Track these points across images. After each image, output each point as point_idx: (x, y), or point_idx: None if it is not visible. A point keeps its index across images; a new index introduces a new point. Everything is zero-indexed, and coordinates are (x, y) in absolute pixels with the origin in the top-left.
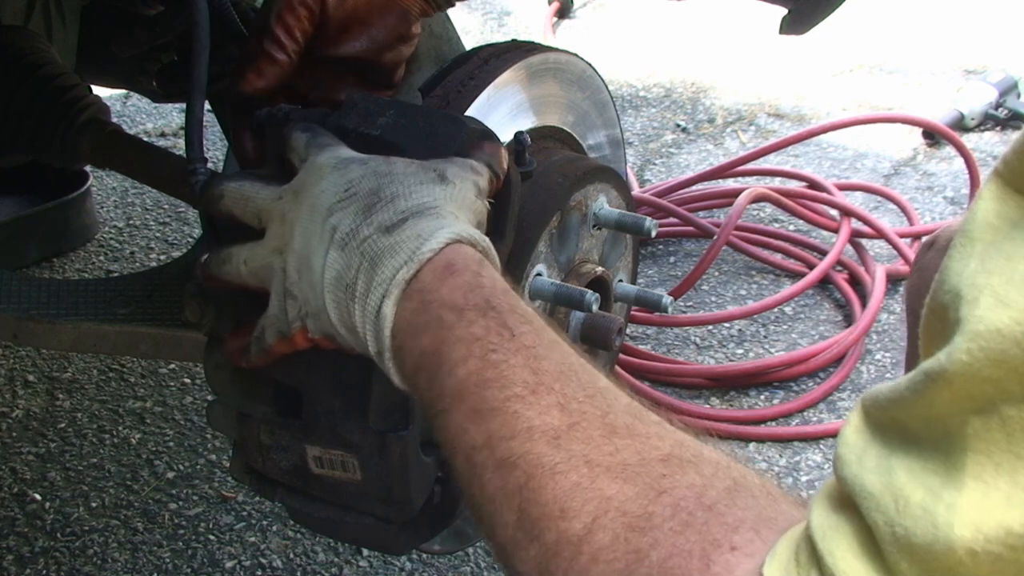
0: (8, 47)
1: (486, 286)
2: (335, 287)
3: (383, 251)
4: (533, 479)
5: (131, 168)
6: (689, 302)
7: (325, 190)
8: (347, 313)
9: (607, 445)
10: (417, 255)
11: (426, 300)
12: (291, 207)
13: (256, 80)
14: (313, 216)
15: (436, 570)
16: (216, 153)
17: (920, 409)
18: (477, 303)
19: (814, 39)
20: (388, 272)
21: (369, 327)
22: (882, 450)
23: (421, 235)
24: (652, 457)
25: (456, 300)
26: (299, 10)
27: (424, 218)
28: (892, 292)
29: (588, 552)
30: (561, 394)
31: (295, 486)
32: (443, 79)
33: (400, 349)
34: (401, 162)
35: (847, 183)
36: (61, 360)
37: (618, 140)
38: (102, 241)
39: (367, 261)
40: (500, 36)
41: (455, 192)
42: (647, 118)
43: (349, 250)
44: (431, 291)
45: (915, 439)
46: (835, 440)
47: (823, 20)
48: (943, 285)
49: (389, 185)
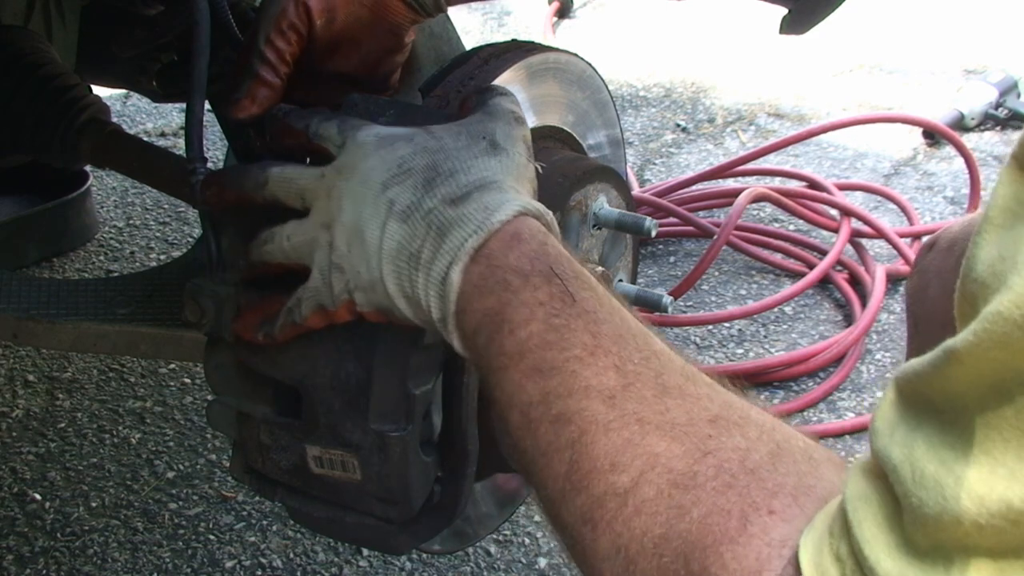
0: (8, 47)
1: (551, 254)
2: (396, 257)
3: (451, 221)
4: (587, 434)
5: (131, 168)
6: (689, 302)
7: (375, 166)
8: (408, 282)
9: (658, 404)
10: (486, 224)
11: (492, 265)
12: (338, 183)
13: (250, 106)
14: (366, 190)
15: (436, 570)
16: (216, 153)
17: (939, 383)
18: (542, 269)
19: (814, 39)
20: (456, 240)
21: (434, 293)
22: (910, 422)
23: (488, 207)
24: (701, 417)
25: (522, 266)
26: (288, 34)
27: (488, 191)
28: (892, 292)
29: (633, 504)
30: (618, 356)
31: (295, 486)
32: (443, 79)
33: (463, 312)
34: (447, 134)
35: (847, 183)
36: (61, 360)
37: (618, 140)
38: (102, 241)
39: (434, 231)
40: (500, 36)
41: (510, 162)
42: (647, 118)
43: (413, 221)
44: (498, 257)
45: (937, 412)
46: (835, 439)
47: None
48: (970, 273)
49: (445, 161)
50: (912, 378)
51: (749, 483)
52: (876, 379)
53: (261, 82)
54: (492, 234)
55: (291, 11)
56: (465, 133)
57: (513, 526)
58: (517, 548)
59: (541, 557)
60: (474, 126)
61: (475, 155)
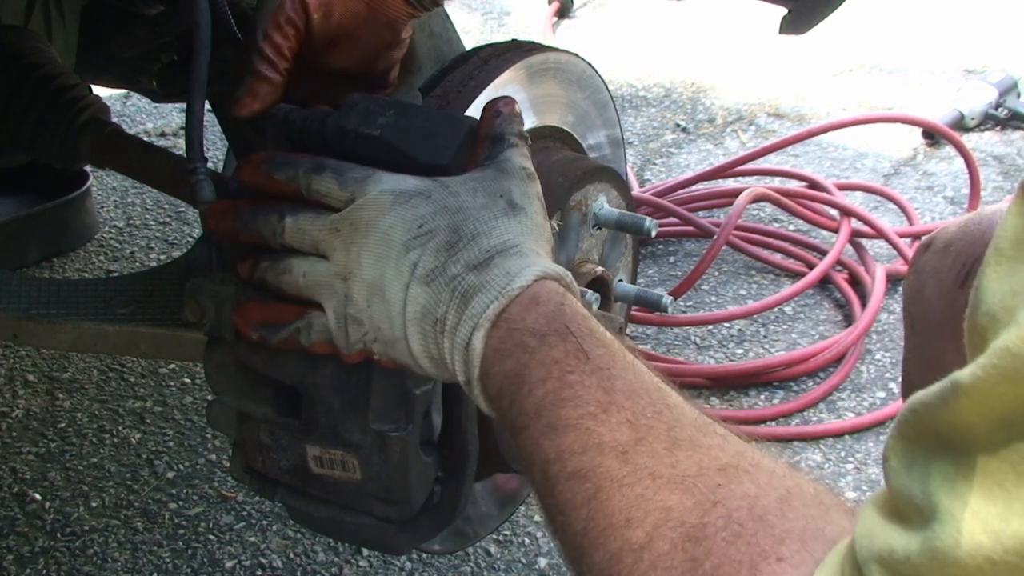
0: (8, 47)
1: (567, 313)
2: (422, 321)
3: (474, 288)
4: (601, 491)
5: (131, 168)
6: (689, 302)
7: (394, 225)
8: (435, 345)
9: (670, 457)
10: (507, 291)
11: (512, 328)
12: (355, 238)
13: (252, 103)
14: (387, 250)
15: (436, 570)
16: (216, 153)
17: (948, 416)
18: (558, 328)
19: (814, 39)
20: (479, 307)
21: (458, 358)
22: (923, 456)
23: (509, 272)
24: (711, 467)
25: (539, 327)
26: (285, 28)
27: (510, 256)
28: (892, 292)
29: (648, 559)
30: (631, 411)
31: (295, 486)
32: (443, 79)
33: (486, 375)
34: (464, 191)
35: (847, 183)
36: (61, 360)
37: (618, 140)
38: (102, 241)
39: (458, 297)
40: (500, 36)
41: (529, 223)
42: (647, 118)
43: (436, 286)
44: (517, 320)
45: (948, 445)
46: (835, 439)
47: (823, 20)
48: (980, 305)
49: (466, 223)
50: (920, 410)
51: (757, 531)
52: (876, 379)
53: (261, 78)
54: (512, 299)
55: (288, 6)
56: (483, 191)
57: (513, 526)
58: (517, 548)
59: (541, 557)
60: (490, 183)
61: (495, 215)
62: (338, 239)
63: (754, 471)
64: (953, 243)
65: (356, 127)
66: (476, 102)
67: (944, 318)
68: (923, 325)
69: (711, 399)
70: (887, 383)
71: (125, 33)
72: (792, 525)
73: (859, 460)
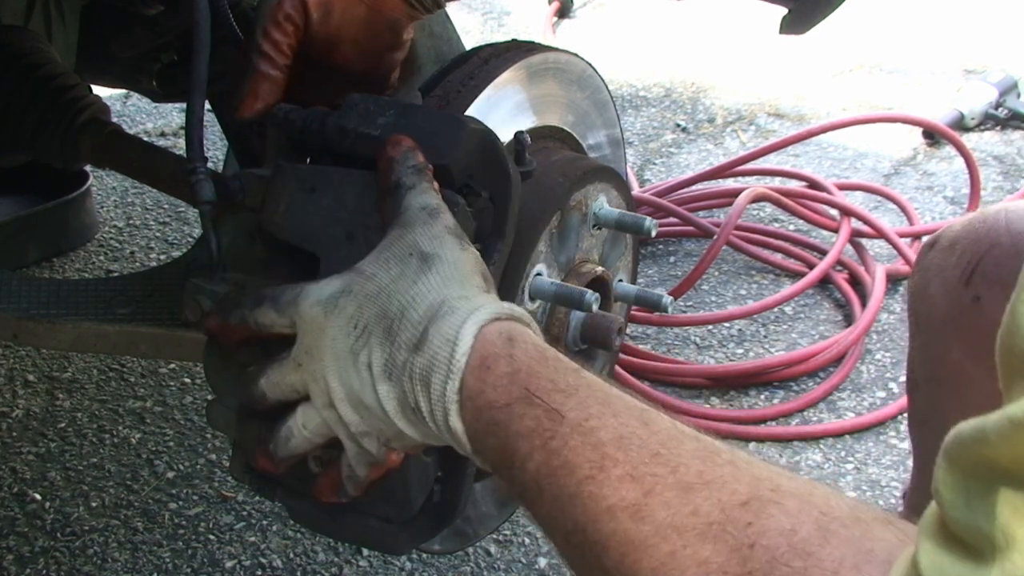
0: (8, 47)
1: (521, 370)
2: (402, 414)
3: (425, 369)
4: (627, 556)
5: (131, 168)
6: (689, 302)
7: (335, 337)
8: (425, 430)
9: (686, 506)
10: (454, 365)
11: (477, 407)
12: (315, 366)
13: (255, 103)
14: (341, 363)
15: (436, 570)
16: (216, 153)
17: (1007, 450)
18: (519, 396)
19: (814, 39)
20: (438, 389)
21: (449, 438)
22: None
23: (448, 338)
24: (733, 505)
25: (499, 398)
26: (284, 25)
27: (440, 320)
28: (892, 292)
29: None
30: (627, 463)
31: (295, 486)
32: (443, 79)
33: (477, 452)
34: (378, 269)
35: (847, 183)
36: (61, 360)
37: (618, 140)
38: (102, 241)
39: (419, 383)
40: (500, 36)
41: (445, 268)
42: (647, 118)
43: (396, 378)
44: (477, 396)
45: (1007, 474)
46: (835, 439)
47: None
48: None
49: (389, 303)
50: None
51: (806, 568)
52: (876, 379)
53: (262, 76)
54: (463, 371)
55: (287, 3)
56: (393, 259)
57: (513, 526)
58: (517, 548)
59: (541, 557)
60: (397, 246)
61: (412, 281)
62: (305, 373)
63: (779, 496)
64: (958, 241)
65: (356, 127)
66: (476, 102)
67: (949, 316)
68: (928, 323)
69: (711, 399)
70: (887, 383)
71: (125, 33)
72: (839, 553)
73: (859, 460)
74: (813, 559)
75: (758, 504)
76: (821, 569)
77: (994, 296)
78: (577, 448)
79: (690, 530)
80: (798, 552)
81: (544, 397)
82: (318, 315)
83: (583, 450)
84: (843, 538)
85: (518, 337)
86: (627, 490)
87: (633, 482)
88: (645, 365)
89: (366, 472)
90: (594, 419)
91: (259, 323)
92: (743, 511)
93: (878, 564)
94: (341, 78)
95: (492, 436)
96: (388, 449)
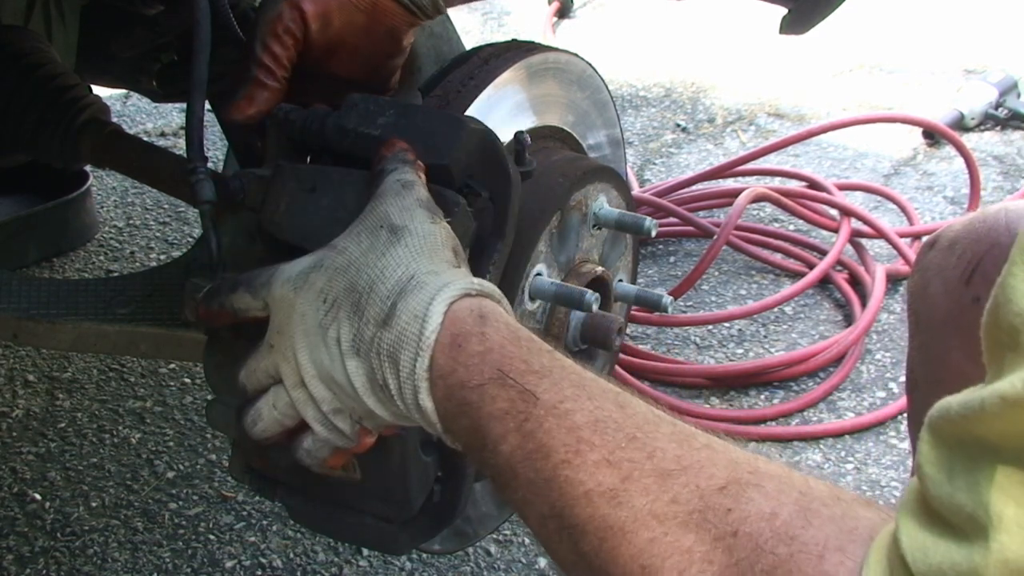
0: (8, 47)
1: (494, 350)
2: (371, 391)
3: (394, 345)
4: (606, 542)
5: (131, 168)
6: (689, 302)
7: (305, 312)
8: (395, 409)
9: (665, 493)
10: (424, 342)
11: (448, 385)
12: (285, 344)
13: (247, 107)
14: (311, 339)
15: (436, 570)
16: (216, 153)
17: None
18: (492, 376)
19: (814, 39)
20: (407, 367)
21: (419, 418)
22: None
23: (416, 314)
24: (711, 490)
25: (472, 378)
26: (284, 38)
27: (409, 295)
28: (892, 292)
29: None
30: (603, 448)
31: (295, 486)
32: (443, 79)
33: (448, 431)
34: (350, 242)
35: (847, 183)
36: (61, 360)
37: (618, 140)
38: (102, 241)
39: (386, 359)
40: (500, 36)
41: (415, 241)
42: (647, 118)
43: (364, 354)
44: (448, 375)
45: (996, 450)
46: (835, 439)
47: (823, 20)
48: (1010, 305)
49: (359, 276)
50: (957, 420)
51: (792, 553)
52: (876, 379)
53: (259, 85)
54: (432, 348)
55: (286, 16)
56: (365, 232)
57: (513, 526)
58: (517, 548)
59: (541, 557)
60: (369, 219)
61: (381, 253)
62: (276, 354)
63: (758, 478)
64: (958, 241)
65: (356, 127)
66: (476, 102)
67: (949, 316)
68: (928, 323)
69: (711, 399)
70: (887, 383)
71: (125, 33)
72: (822, 534)
73: (859, 460)
74: (797, 543)
75: (736, 488)
76: (806, 554)
77: None
78: (552, 431)
79: (671, 518)
80: (781, 537)
81: (517, 378)
82: (288, 293)
83: (558, 433)
84: (825, 517)
85: (489, 315)
86: (604, 475)
87: (610, 467)
88: (645, 365)
89: (324, 456)
90: (569, 401)
91: (235, 307)
92: (722, 496)
93: (862, 543)
94: (341, 84)
95: (464, 416)
96: (359, 429)
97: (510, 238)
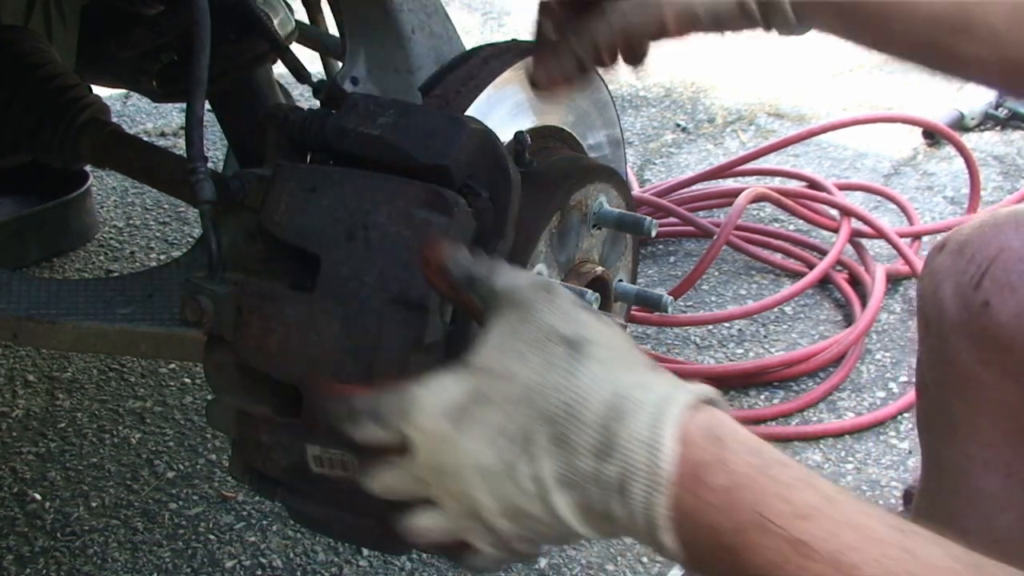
0: (8, 47)
1: (744, 486)
2: (587, 520)
3: (622, 477)
4: None
5: (131, 168)
6: (689, 302)
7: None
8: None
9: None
10: (658, 476)
11: (696, 527)
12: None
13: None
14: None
15: (436, 570)
16: (216, 153)
17: None
18: (750, 520)
19: (814, 39)
20: (640, 501)
21: (651, 545)
22: None
23: (641, 439)
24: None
25: (724, 522)
26: None
27: (625, 418)
28: (892, 292)
29: None
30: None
31: (295, 486)
32: (443, 79)
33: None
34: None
35: (847, 183)
36: (61, 360)
37: (618, 140)
38: (102, 241)
39: (613, 493)
40: (500, 36)
41: (603, 354)
42: (647, 118)
43: (581, 488)
44: (694, 514)
45: None
46: (835, 439)
47: None
48: None
49: (547, 403)
50: None
51: None
52: (876, 379)
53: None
54: (671, 484)
55: None
56: (528, 349)
57: None
58: None
59: (541, 557)
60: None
61: (567, 371)
62: (434, 490)
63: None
64: (968, 244)
65: (356, 127)
66: (476, 102)
67: (959, 320)
68: (938, 326)
69: None
70: (887, 383)
71: (125, 33)
72: None
73: (859, 460)
74: None
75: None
76: None
77: (1003, 300)
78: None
79: None
80: None
81: (783, 524)
82: (445, 429)
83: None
84: None
85: (725, 435)
86: None
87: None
88: None
89: None
90: (850, 552)
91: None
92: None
93: None
94: None
95: (720, 562)
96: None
97: (510, 238)
